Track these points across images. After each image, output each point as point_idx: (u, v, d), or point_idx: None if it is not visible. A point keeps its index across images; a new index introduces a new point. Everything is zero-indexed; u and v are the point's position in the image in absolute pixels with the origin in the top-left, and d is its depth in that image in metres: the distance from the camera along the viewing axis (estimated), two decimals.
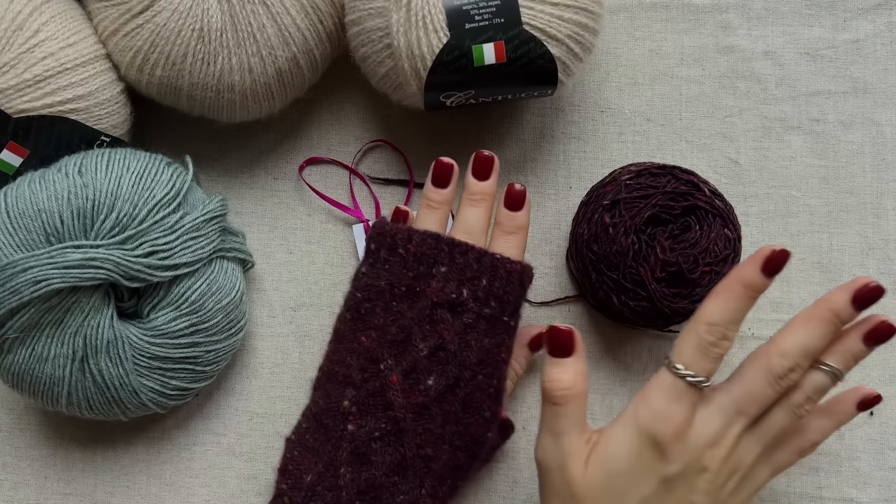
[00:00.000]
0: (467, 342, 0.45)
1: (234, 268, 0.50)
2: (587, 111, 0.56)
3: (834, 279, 0.53)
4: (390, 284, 0.46)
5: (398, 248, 0.46)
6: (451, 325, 0.45)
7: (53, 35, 0.47)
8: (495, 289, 0.45)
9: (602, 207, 0.49)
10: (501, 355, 0.46)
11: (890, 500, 0.52)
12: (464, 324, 0.45)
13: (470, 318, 0.45)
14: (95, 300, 0.46)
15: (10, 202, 0.46)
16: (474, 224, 0.47)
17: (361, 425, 0.45)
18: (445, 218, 0.48)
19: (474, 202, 0.47)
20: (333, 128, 0.56)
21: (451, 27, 0.46)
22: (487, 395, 0.46)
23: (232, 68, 0.47)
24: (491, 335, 0.45)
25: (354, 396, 0.46)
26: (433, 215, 0.47)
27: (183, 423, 0.54)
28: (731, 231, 0.48)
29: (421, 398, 0.45)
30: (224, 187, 0.56)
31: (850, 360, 0.42)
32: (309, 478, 0.45)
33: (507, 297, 0.45)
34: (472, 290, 0.45)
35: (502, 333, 0.46)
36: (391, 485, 0.45)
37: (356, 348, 0.46)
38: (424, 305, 0.45)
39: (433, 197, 0.48)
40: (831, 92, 0.55)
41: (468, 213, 0.47)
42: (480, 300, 0.45)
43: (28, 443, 0.54)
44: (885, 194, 0.54)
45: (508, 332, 0.46)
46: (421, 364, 0.45)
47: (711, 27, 0.56)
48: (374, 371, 0.46)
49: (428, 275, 0.45)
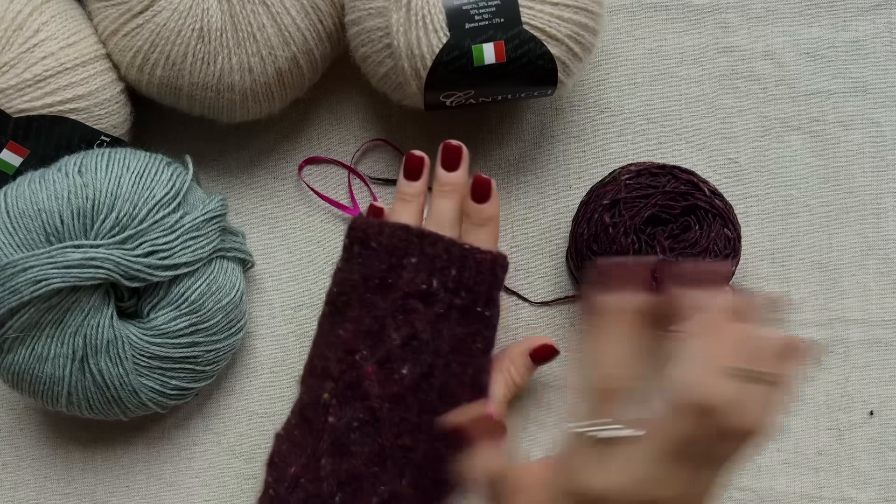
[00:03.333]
0: (439, 331, 0.45)
1: (234, 268, 0.50)
2: (587, 111, 0.56)
3: (834, 279, 0.53)
4: (364, 277, 0.46)
5: (370, 242, 0.46)
6: (422, 315, 0.45)
7: (53, 35, 0.47)
8: (465, 279, 0.45)
9: (602, 207, 0.49)
10: (476, 345, 0.46)
11: (890, 500, 0.52)
12: (435, 314, 0.45)
13: (441, 308, 0.45)
14: (95, 300, 0.46)
15: (10, 202, 0.46)
16: (445, 215, 0.47)
17: (341, 417, 0.45)
18: (419, 210, 0.48)
19: (444, 193, 0.47)
20: (333, 128, 0.56)
21: (451, 27, 0.46)
22: (463, 385, 0.46)
23: (232, 68, 0.47)
24: (463, 324, 0.45)
25: (333, 389, 0.46)
26: (406, 208, 0.47)
27: (183, 423, 0.54)
28: (730, 231, 0.48)
29: (396, 388, 0.45)
30: (224, 187, 0.56)
31: None
32: (293, 469, 0.45)
33: (478, 287, 0.45)
34: (441, 280, 0.45)
35: (475, 323, 0.46)
36: (371, 475, 0.45)
37: (334, 342, 0.47)
38: (397, 296, 0.45)
39: (405, 190, 0.48)
40: (831, 92, 0.55)
41: (438, 205, 0.47)
42: (451, 290, 0.45)
43: (28, 443, 0.54)
44: (885, 194, 0.54)
45: (483, 322, 0.46)
46: (395, 353, 0.45)
47: (711, 27, 0.56)
48: (351, 363, 0.46)
49: (399, 266, 0.45)
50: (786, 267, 0.54)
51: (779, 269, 0.54)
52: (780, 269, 0.54)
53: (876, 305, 0.53)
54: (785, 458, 0.52)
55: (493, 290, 0.46)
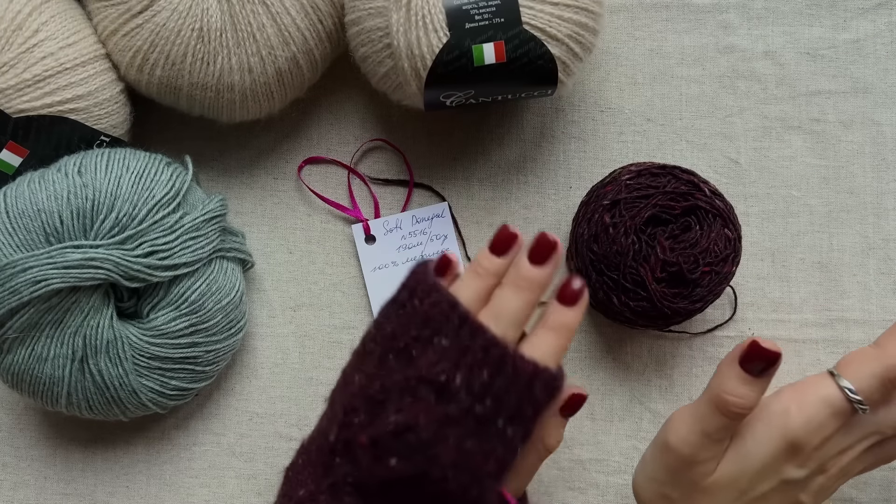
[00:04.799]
0: (444, 436, 0.37)
1: (234, 268, 0.50)
2: (587, 111, 0.56)
3: (834, 279, 0.53)
4: (393, 335, 0.40)
5: (414, 300, 0.40)
6: (430, 410, 0.37)
7: (53, 35, 0.47)
8: (496, 386, 0.37)
9: (602, 207, 0.48)
10: (487, 467, 0.38)
11: (890, 500, 0.52)
12: (446, 414, 0.37)
13: (455, 410, 0.37)
14: (95, 300, 0.46)
15: (9, 202, 0.46)
16: (507, 309, 0.39)
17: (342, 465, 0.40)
18: (487, 290, 0.41)
19: (517, 286, 0.40)
20: (333, 128, 0.56)
21: (451, 27, 0.46)
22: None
23: (232, 68, 0.47)
24: (477, 438, 0.37)
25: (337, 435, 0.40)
26: (473, 282, 0.41)
27: (183, 423, 0.54)
28: (731, 231, 0.48)
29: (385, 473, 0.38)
30: (224, 187, 0.56)
31: None
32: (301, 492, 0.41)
33: (508, 398, 0.38)
34: (466, 378, 0.37)
35: (493, 441, 0.38)
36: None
37: (349, 383, 0.41)
38: (412, 375, 0.38)
39: (483, 263, 0.41)
40: (831, 92, 0.55)
41: (504, 295, 0.40)
42: (474, 394, 0.37)
43: (28, 443, 0.54)
44: (885, 194, 0.54)
45: (503, 442, 0.38)
46: (385, 439, 0.38)
47: (712, 27, 0.56)
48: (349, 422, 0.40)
49: (428, 342, 0.38)
50: (786, 267, 0.54)
51: (779, 269, 0.54)
52: (780, 269, 0.54)
53: (876, 305, 0.53)
54: None
55: (525, 406, 0.38)
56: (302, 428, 0.53)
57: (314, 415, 0.53)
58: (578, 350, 0.54)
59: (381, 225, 0.55)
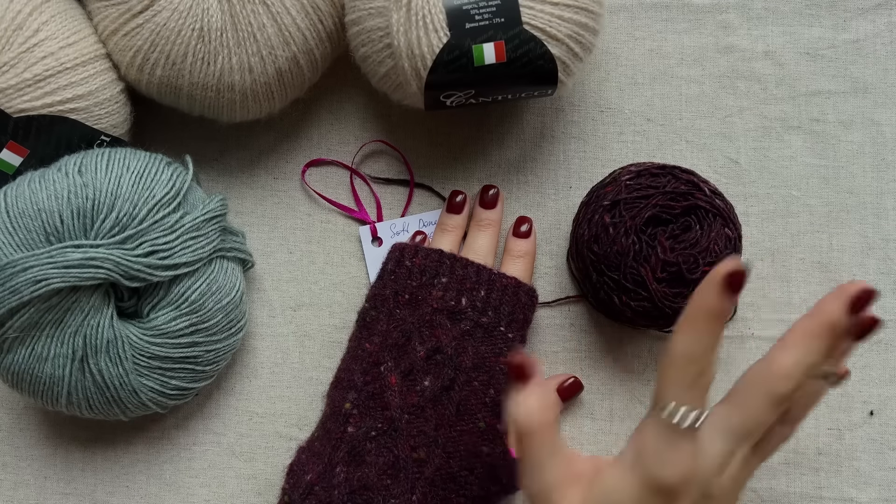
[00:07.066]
0: (463, 347, 0.48)
1: (234, 268, 0.50)
2: (587, 111, 0.56)
3: (834, 279, 0.53)
4: (395, 293, 0.49)
5: (405, 261, 0.50)
6: (448, 331, 0.48)
7: (53, 34, 0.47)
8: (492, 299, 0.49)
9: (602, 208, 0.49)
10: (498, 365, 0.48)
11: (890, 500, 0.52)
12: (461, 330, 0.48)
13: (467, 325, 0.48)
14: (95, 300, 0.46)
15: (9, 202, 0.46)
16: (481, 245, 0.51)
17: (360, 426, 0.47)
18: (457, 240, 0.52)
19: (481, 227, 0.52)
20: (333, 128, 0.56)
21: (452, 27, 0.46)
22: (482, 404, 0.47)
23: (232, 68, 0.47)
24: (487, 343, 0.48)
25: (355, 399, 0.48)
26: (444, 237, 0.52)
27: (183, 423, 0.54)
28: (731, 231, 0.48)
29: (417, 398, 0.47)
30: (224, 187, 0.56)
31: (840, 359, 0.41)
32: (309, 477, 0.46)
33: (503, 307, 0.49)
34: (470, 299, 0.49)
35: (500, 343, 0.48)
36: (383, 487, 0.45)
37: (360, 355, 0.49)
38: (425, 311, 0.48)
39: (445, 221, 0.53)
40: (831, 92, 0.55)
41: (476, 237, 0.52)
42: (478, 309, 0.49)
43: (28, 443, 0.54)
44: (885, 194, 0.54)
45: (507, 343, 0.48)
46: (418, 365, 0.48)
47: (711, 27, 0.56)
48: (375, 374, 0.48)
49: (430, 285, 0.49)
50: (786, 267, 0.54)
51: (779, 269, 0.54)
52: (780, 269, 0.54)
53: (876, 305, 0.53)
54: (785, 458, 0.52)
55: (517, 312, 0.49)
56: (302, 428, 0.53)
57: (314, 415, 0.53)
58: (578, 350, 0.54)
59: (387, 227, 0.55)
